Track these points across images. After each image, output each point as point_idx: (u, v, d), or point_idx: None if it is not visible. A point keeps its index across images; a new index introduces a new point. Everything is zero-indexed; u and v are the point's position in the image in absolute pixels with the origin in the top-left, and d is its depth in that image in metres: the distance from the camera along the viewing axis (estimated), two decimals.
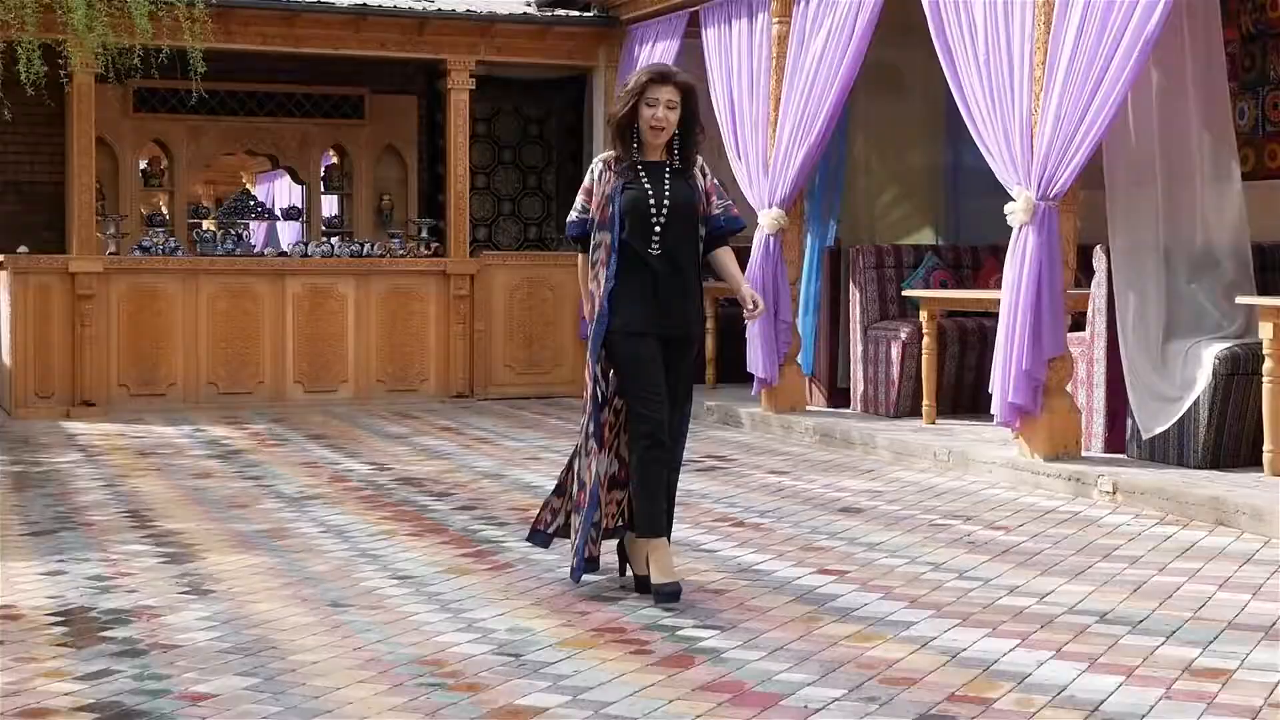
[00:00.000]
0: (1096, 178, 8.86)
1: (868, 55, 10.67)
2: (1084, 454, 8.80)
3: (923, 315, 10.57)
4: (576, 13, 14.17)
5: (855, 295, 11.41)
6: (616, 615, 5.67)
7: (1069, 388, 8.84)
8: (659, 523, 5.95)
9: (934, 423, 10.48)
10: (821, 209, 12.19)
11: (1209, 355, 8.33)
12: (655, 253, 5.91)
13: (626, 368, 5.94)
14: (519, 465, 9.72)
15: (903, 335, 10.93)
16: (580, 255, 6.10)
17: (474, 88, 13.94)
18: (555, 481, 6.37)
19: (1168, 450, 8.52)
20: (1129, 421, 8.71)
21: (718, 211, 6.14)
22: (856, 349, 11.43)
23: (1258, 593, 6.02)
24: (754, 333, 11.34)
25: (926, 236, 12.83)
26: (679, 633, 5.41)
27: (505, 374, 14.08)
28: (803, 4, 11.12)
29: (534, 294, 14.19)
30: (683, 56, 12.90)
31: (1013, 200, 8.66)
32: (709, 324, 13.17)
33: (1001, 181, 8.84)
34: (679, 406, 6.08)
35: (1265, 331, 7.98)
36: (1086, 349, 8.99)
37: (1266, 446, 8.03)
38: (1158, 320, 8.65)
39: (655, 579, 5.87)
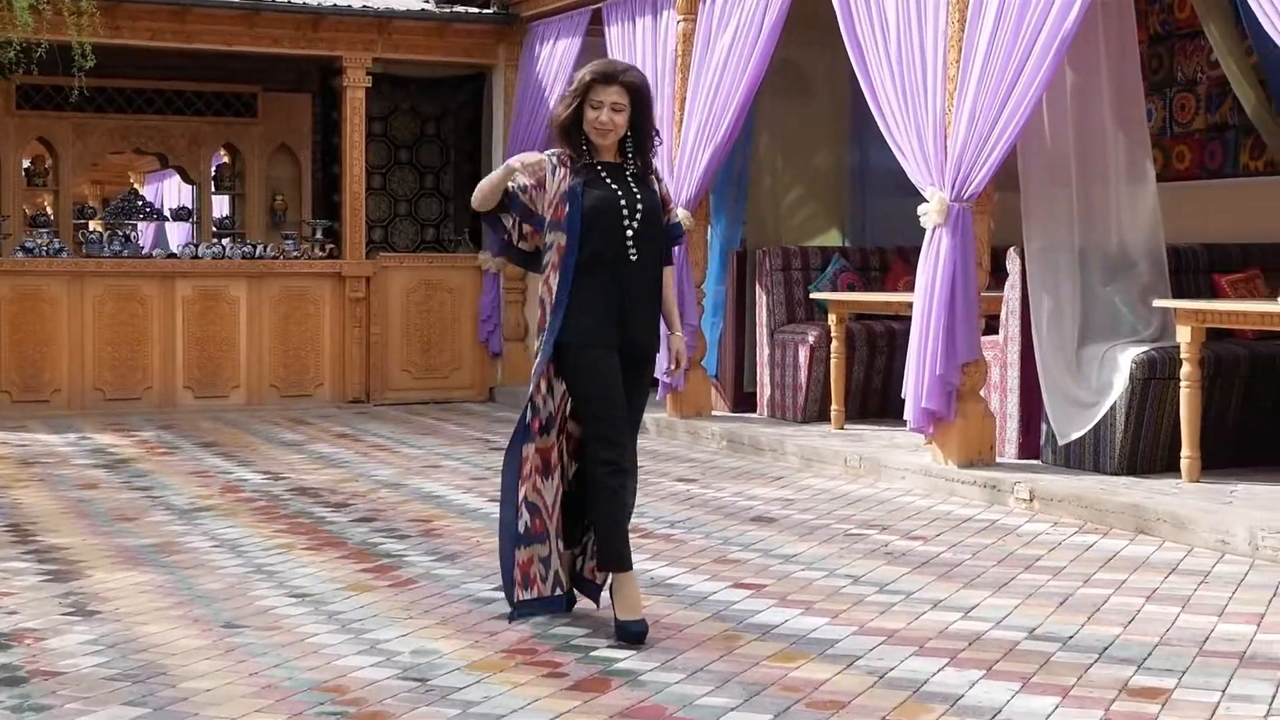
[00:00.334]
0: (1010, 178, 8.71)
1: (774, 55, 10.48)
2: (999, 460, 8.65)
3: (831, 318, 10.37)
4: (476, 10, 13.87)
5: (762, 298, 11.21)
6: (527, 635, 5.40)
7: (982, 392, 8.68)
8: (625, 555, 5.45)
9: (843, 428, 10.28)
10: (727, 211, 11.98)
11: (1125, 359, 8.20)
12: (634, 258, 5.43)
13: (587, 386, 5.43)
14: (418, 473, 9.41)
15: (810, 339, 10.74)
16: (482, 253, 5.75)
17: (370, 86, 13.60)
18: (515, 531, 5.58)
19: (1084, 456, 8.38)
20: (1044, 427, 8.57)
21: (675, 220, 5.77)
22: (763, 353, 11.22)
23: (1186, 605, 5.85)
24: (660, 336, 11.09)
25: (833, 238, 12.66)
26: (593, 654, 5.15)
27: (402, 379, 13.76)
28: (709, 1, 10.91)
29: (431, 297, 13.89)
30: (584, 54, 12.65)
31: (925, 201, 8.48)
32: None
33: (914, 182, 8.66)
34: (636, 428, 5.66)
35: (1182, 335, 7.85)
36: (1000, 353, 8.83)
37: (1184, 452, 7.90)
38: (1073, 324, 8.51)
39: (622, 616, 5.33)
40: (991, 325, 8.96)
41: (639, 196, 5.48)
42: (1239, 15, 9.58)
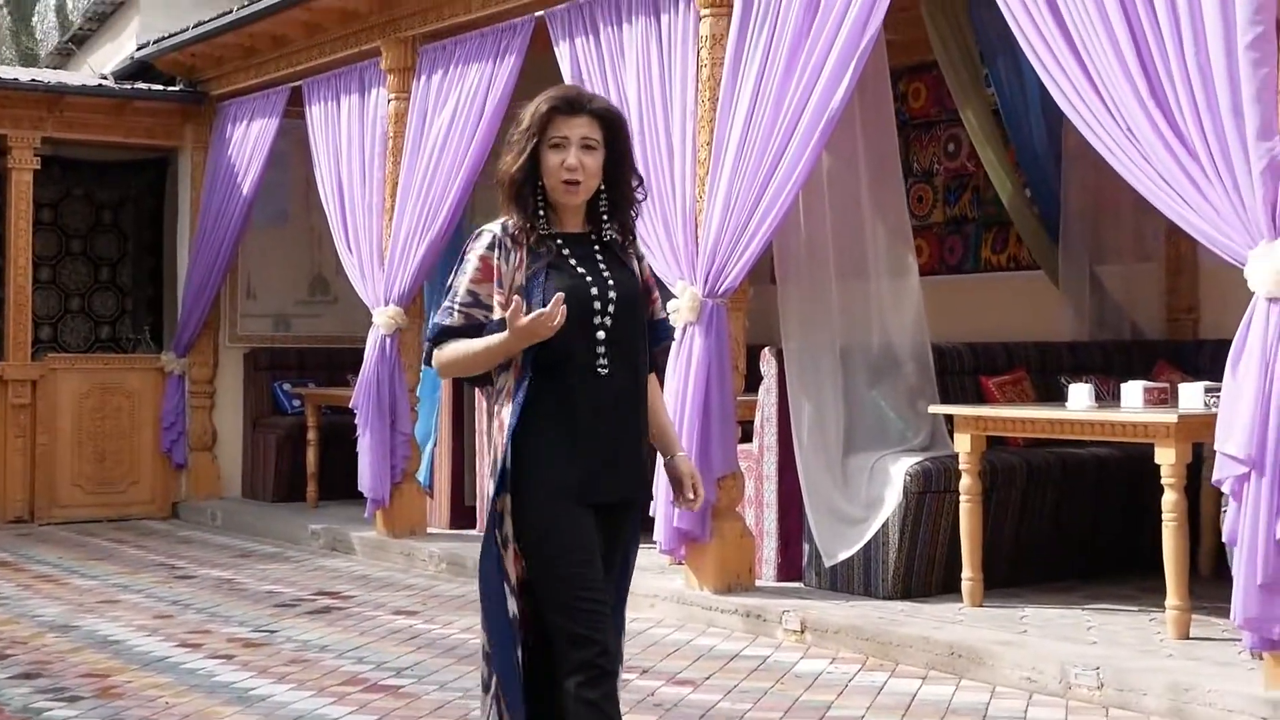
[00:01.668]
0: (764, 272, 7.94)
1: (497, 138, 9.58)
2: (758, 584, 7.79)
3: None
4: (159, 87, 12.64)
5: (481, 403, 10.20)
6: None
7: (739, 508, 7.83)
8: None
9: None
10: None
11: (898, 471, 7.45)
12: (604, 371, 3.85)
13: (550, 556, 3.79)
14: (92, 611, 8.09)
15: None
16: (431, 365, 3.97)
17: (39, 168, 12.21)
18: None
19: (852, 579, 7.59)
20: (805, 546, 7.77)
21: (662, 316, 4.13)
22: (484, 462, 10.22)
23: None
24: (365, 445, 10.03)
25: None
26: None
27: (73, 494, 12.31)
28: (423, 78, 9.95)
29: (107, 402, 12.51)
30: (283, 137, 11.60)
31: (675, 297, 7.64)
32: (310, 434, 11.80)
33: (661, 277, 7.81)
34: (620, 606, 4.01)
35: (961, 444, 7.14)
36: (755, 464, 8.01)
37: (965, 574, 7.17)
38: (837, 431, 7.75)
39: None
40: (745, 432, 8.14)
41: (612, 282, 3.88)
42: (998, 103, 9.08)
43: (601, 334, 3.82)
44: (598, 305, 3.83)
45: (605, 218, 3.92)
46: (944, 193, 10.49)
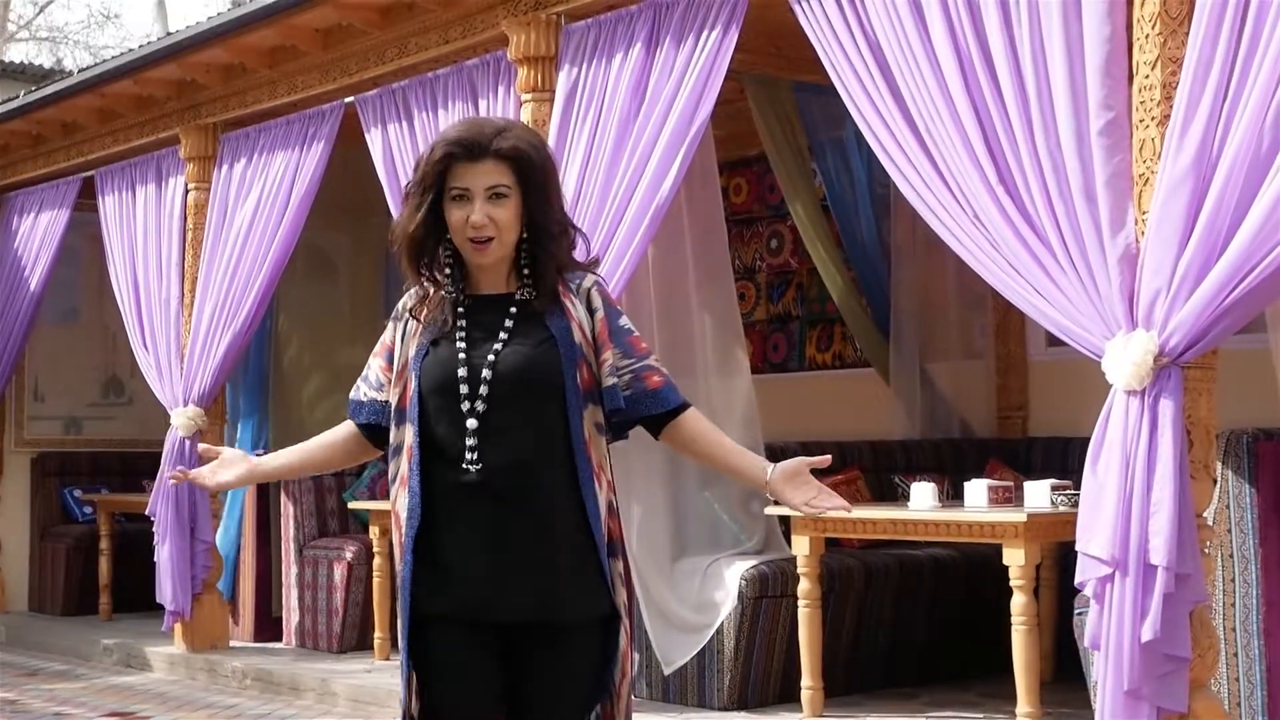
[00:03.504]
0: None
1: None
2: None
3: (373, 531, 8.94)
4: None
5: (288, 508, 9.68)
6: None
7: None
8: None
9: (388, 658, 8.81)
10: (249, 406, 10.44)
11: (732, 575, 7.13)
12: (470, 470, 3.27)
13: (432, 683, 3.36)
14: None
15: (348, 555, 9.29)
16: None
17: None
18: None
19: (686, 689, 7.23)
20: (636, 657, 7.39)
21: (612, 381, 3.38)
22: (291, 572, 9.67)
23: None
24: (163, 555, 9.44)
25: None
26: None
27: None
28: (226, 167, 9.49)
29: None
30: (74, 231, 11.05)
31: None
32: (103, 542, 11.14)
33: None
34: None
35: (800, 547, 6.84)
36: None
37: (805, 682, 6.84)
38: (669, 533, 7.41)
39: None
40: None
41: (499, 347, 3.33)
42: (826, 197, 8.90)
43: (472, 422, 3.29)
44: (464, 381, 3.31)
45: (526, 272, 3.39)
46: (767, 290, 10.30)
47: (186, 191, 9.79)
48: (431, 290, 3.43)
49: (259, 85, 9.31)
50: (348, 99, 8.60)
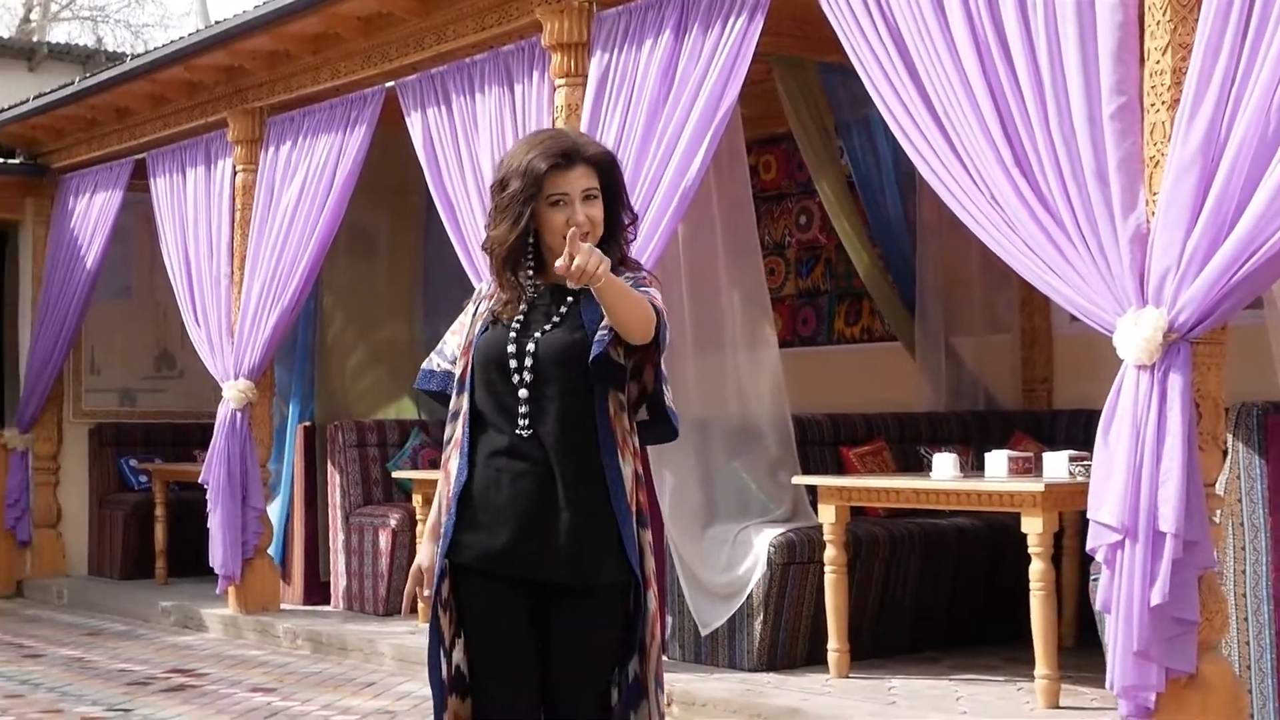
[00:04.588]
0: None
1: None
2: None
3: (416, 499, 9.24)
4: (0, 160, 12.32)
5: (335, 477, 10.00)
6: None
7: None
8: None
9: None
10: (296, 380, 10.73)
11: (761, 542, 7.39)
12: (523, 434, 3.65)
13: (469, 632, 3.67)
14: None
15: (392, 522, 9.59)
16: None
17: None
18: None
19: (717, 650, 7.50)
20: (668, 619, 7.66)
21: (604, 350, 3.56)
22: (338, 538, 9.99)
23: None
24: (216, 521, 9.76)
25: (408, 410, 11.52)
26: None
27: None
28: (272, 150, 9.78)
29: None
30: (126, 211, 11.35)
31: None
32: (158, 509, 11.49)
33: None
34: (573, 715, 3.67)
35: (826, 515, 7.09)
36: None
37: (831, 645, 7.11)
38: (700, 502, 7.67)
39: None
40: None
41: (538, 336, 3.63)
42: (852, 175, 9.12)
43: (522, 390, 3.62)
44: (513, 357, 3.62)
45: None
46: (796, 265, 10.52)
47: (235, 173, 10.09)
48: (502, 280, 3.72)
49: (303, 71, 9.60)
50: (388, 84, 8.87)
